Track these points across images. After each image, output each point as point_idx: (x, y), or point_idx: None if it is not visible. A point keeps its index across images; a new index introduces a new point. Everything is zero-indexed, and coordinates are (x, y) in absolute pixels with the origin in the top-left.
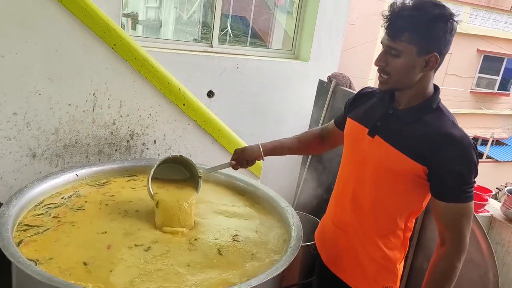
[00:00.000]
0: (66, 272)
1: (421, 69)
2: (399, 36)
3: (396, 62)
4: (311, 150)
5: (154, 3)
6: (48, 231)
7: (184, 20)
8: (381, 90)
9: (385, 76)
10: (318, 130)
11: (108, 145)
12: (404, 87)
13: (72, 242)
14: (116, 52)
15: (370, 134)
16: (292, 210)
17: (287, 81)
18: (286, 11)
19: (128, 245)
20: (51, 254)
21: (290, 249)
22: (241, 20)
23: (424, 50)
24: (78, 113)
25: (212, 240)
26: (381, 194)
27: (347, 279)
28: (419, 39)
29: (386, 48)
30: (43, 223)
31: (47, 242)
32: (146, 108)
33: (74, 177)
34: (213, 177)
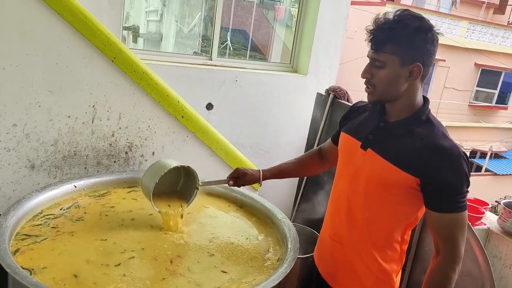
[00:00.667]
0: (61, 282)
1: (405, 80)
2: (382, 48)
3: (380, 73)
4: (312, 171)
5: (155, 17)
6: (46, 240)
7: (185, 33)
8: (369, 101)
9: (371, 88)
10: (316, 151)
11: (107, 157)
12: (390, 98)
13: (69, 251)
14: (116, 65)
15: (363, 147)
16: (289, 222)
17: (285, 94)
18: (285, 24)
19: (123, 257)
20: (46, 263)
21: (287, 261)
22: (240, 34)
23: (406, 60)
24: (78, 125)
25: (206, 251)
26: (375, 206)
27: None
28: (401, 49)
29: (371, 60)
30: (42, 232)
31: (43, 251)
32: (145, 120)
33: (73, 188)
34: (210, 187)
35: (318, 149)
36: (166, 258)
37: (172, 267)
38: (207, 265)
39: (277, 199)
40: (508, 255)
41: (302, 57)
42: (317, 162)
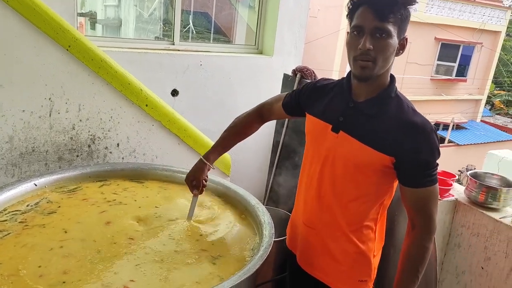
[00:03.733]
0: (7, 279)
1: (397, 53)
2: (388, 16)
3: (383, 44)
4: (249, 132)
5: (113, 2)
6: (9, 235)
7: (145, 18)
8: (363, 76)
9: (369, 62)
10: (255, 115)
11: (69, 151)
12: (381, 73)
13: (32, 246)
14: (71, 53)
15: (334, 130)
16: (263, 207)
17: (251, 76)
18: (248, 5)
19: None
20: (2, 259)
21: (263, 247)
22: (203, 16)
23: (402, 32)
24: (34, 120)
25: (180, 240)
26: (350, 189)
27: (321, 277)
28: (400, 20)
29: (372, 30)
30: (6, 228)
31: (3, 246)
32: (107, 110)
33: (33, 186)
34: (175, 179)
35: (257, 112)
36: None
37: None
38: (182, 257)
39: (249, 183)
40: (475, 224)
41: (267, 38)
42: (256, 125)
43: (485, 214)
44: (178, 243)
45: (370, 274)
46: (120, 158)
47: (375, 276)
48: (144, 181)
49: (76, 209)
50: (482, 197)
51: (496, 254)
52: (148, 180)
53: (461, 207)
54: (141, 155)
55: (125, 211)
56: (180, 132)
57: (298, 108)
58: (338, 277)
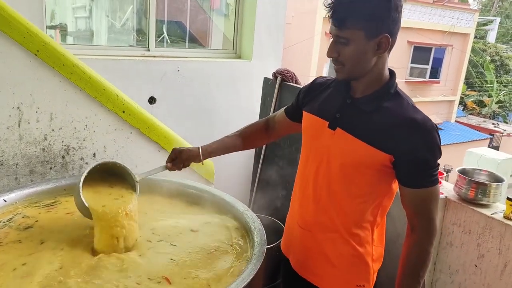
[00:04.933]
0: None
1: (374, 53)
2: (344, 23)
3: (346, 50)
4: (256, 144)
5: (84, 13)
6: None
7: (118, 28)
8: (338, 79)
9: (339, 66)
10: (262, 122)
11: (41, 164)
12: (360, 74)
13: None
14: (40, 58)
15: (331, 127)
16: (252, 214)
17: (231, 81)
18: (223, 14)
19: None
20: None
21: (255, 255)
22: (177, 25)
23: (372, 33)
24: (1, 131)
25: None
26: (346, 188)
27: (317, 281)
28: (364, 22)
29: (334, 37)
30: None
31: None
32: (81, 119)
33: (2, 202)
34: (162, 188)
35: (265, 120)
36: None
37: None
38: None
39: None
40: (466, 221)
41: (244, 42)
42: (262, 134)
43: (476, 210)
44: (173, 254)
45: (368, 278)
46: None
47: (374, 282)
48: None
49: (59, 222)
50: (472, 193)
51: (489, 251)
52: None
53: (451, 204)
54: None
55: None
56: (160, 139)
57: (298, 109)
58: (334, 282)
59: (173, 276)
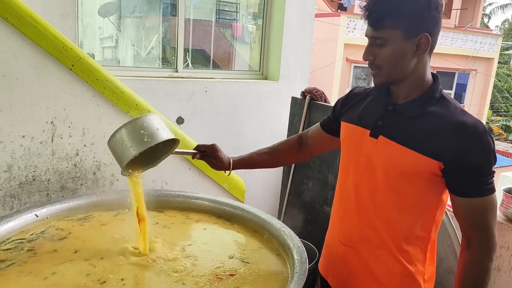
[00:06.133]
0: None
1: (413, 54)
2: (381, 23)
3: (383, 52)
4: (287, 161)
5: (111, 43)
6: (13, 265)
7: (143, 57)
8: (376, 85)
9: (376, 70)
10: (295, 138)
11: (72, 179)
12: (399, 77)
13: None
14: (74, 73)
15: (373, 135)
16: (290, 231)
17: (258, 102)
18: (244, 41)
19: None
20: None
21: (297, 273)
22: (200, 53)
23: (411, 32)
24: (34, 145)
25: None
26: (393, 199)
27: None
28: (402, 21)
29: (370, 39)
30: (11, 257)
31: (6, 276)
32: None
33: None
34: (193, 204)
35: (298, 136)
36: None
37: None
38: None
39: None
40: None
41: (271, 63)
42: (294, 151)
43: None
44: (211, 271)
45: None
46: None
47: None
48: (163, 210)
49: (93, 233)
50: None
51: None
52: (167, 208)
53: (498, 226)
54: (150, 182)
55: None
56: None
57: (335, 121)
58: None
59: None
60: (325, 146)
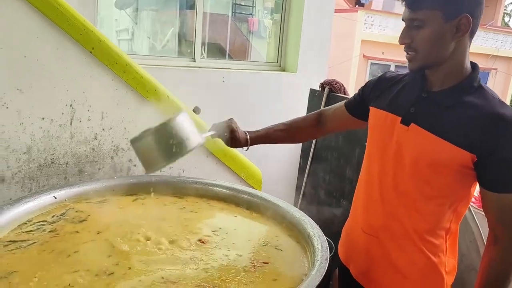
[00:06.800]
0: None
1: (452, 37)
2: (419, 4)
3: (421, 34)
4: (302, 138)
5: (126, 36)
6: (35, 244)
7: (158, 50)
8: (411, 69)
9: (412, 53)
10: (314, 115)
11: (90, 164)
12: (436, 61)
13: (59, 254)
14: (94, 56)
15: (404, 122)
16: (310, 220)
17: (276, 94)
18: (260, 36)
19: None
20: (20, 267)
21: (318, 261)
22: (215, 47)
23: (451, 13)
24: (54, 128)
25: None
26: (420, 189)
27: None
28: (441, 1)
29: (407, 21)
30: (33, 237)
31: (27, 254)
32: (131, 119)
33: (53, 199)
34: (211, 191)
35: (318, 114)
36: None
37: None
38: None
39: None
40: None
41: (289, 54)
42: (311, 128)
43: None
44: (229, 261)
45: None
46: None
47: None
48: (183, 196)
49: (113, 215)
50: None
51: None
52: (186, 195)
53: None
54: (167, 169)
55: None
56: (209, 144)
57: (362, 104)
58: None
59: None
60: (345, 126)
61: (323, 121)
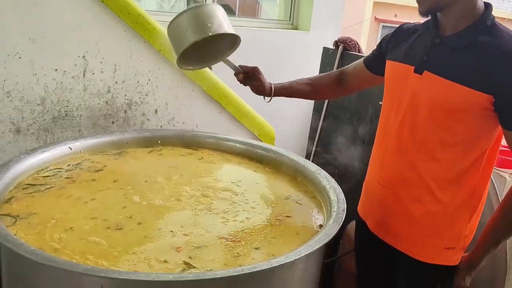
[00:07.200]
0: (34, 228)
1: None
2: None
3: None
4: (325, 95)
5: None
6: (53, 189)
7: (166, 9)
8: (421, 13)
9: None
10: (335, 73)
11: (104, 117)
12: (446, 1)
13: (77, 198)
14: (106, 6)
15: (417, 71)
16: (325, 173)
17: (288, 52)
18: None
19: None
20: (39, 209)
21: (335, 213)
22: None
23: None
24: (67, 80)
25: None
26: (438, 137)
27: (400, 245)
28: None
29: None
30: (50, 182)
31: (46, 197)
32: (144, 72)
33: (68, 150)
34: (224, 145)
35: (338, 72)
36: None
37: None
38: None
39: None
40: None
41: (302, 12)
42: (333, 86)
43: None
44: (254, 214)
45: (459, 239)
46: (158, 126)
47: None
48: (197, 148)
49: (130, 166)
50: None
51: None
52: (200, 148)
53: None
54: (181, 124)
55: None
56: (222, 99)
57: (380, 59)
58: (420, 244)
59: None
60: (366, 84)
61: (344, 80)
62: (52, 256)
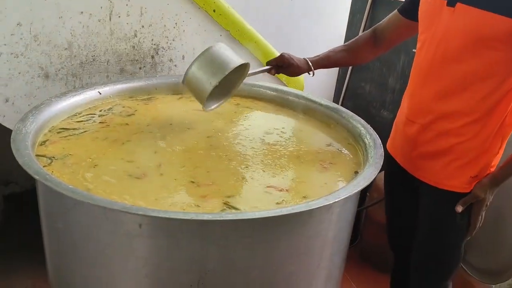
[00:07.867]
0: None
1: None
2: None
3: None
4: (363, 59)
5: None
6: (87, 132)
7: None
8: None
9: None
10: (369, 34)
11: (131, 62)
12: None
13: (113, 140)
14: None
15: (450, 4)
16: (360, 119)
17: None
18: None
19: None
20: (74, 151)
21: (372, 158)
22: None
23: None
24: (93, 23)
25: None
26: (469, 69)
27: (426, 176)
28: None
29: None
30: (84, 127)
31: (81, 140)
32: (171, 16)
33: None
34: (254, 92)
35: (371, 31)
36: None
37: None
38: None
39: None
40: None
41: None
42: (370, 46)
43: None
44: (301, 163)
45: (486, 169)
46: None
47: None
48: None
49: (161, 111)
50: None
51: None
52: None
53: None
54: None
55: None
56: (250, 44)
57: (416, 2)
58: (446, 174)
59: None
60: (404, 34)
61: (379, 37)
62: (91, 194)
